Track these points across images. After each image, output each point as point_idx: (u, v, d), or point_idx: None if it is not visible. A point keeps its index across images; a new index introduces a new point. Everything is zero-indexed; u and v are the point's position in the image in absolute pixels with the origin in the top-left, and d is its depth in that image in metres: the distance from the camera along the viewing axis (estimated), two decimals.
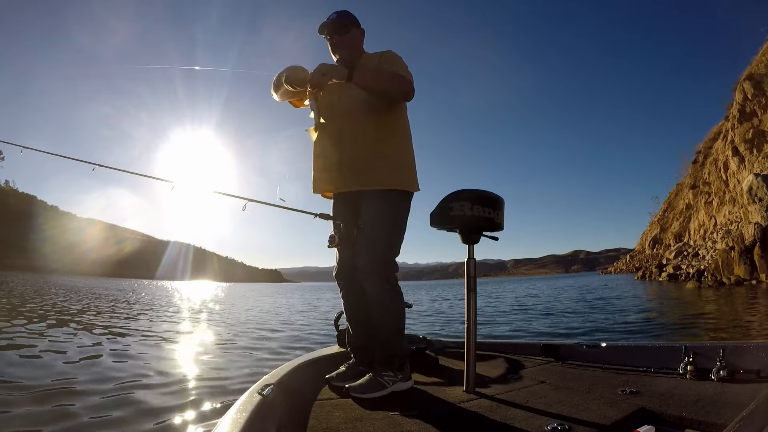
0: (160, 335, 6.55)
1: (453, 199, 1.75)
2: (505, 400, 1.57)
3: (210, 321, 9.14)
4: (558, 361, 2.21)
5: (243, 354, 5.07)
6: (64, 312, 9.22)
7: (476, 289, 1.74)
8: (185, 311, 11.74)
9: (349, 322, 1.97)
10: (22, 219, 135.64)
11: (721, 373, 1.61)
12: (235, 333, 7.12)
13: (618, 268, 74.64)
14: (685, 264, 28.63)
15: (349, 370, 1.89)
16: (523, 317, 9.22)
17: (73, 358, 4.20)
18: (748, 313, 8.26)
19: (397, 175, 1.84)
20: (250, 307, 14.56)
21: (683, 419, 1.29)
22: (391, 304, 1.81)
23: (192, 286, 53.77)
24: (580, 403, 1.47)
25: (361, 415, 1.44)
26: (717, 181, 45.10)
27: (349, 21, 1.94)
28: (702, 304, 10.79)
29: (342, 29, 1.91)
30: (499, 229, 1.80)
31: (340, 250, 1.92)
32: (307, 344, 5.81)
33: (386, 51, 1.92)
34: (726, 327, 6.54)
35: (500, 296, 18.48)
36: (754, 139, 37.84)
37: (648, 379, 1.74)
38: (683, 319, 7.87)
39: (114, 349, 4.98)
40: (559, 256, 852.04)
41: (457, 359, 2.29)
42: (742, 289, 15.33)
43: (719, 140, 46.99)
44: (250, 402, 1.29)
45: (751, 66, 41.00)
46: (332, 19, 1.91)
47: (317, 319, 9.71)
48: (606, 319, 8.05)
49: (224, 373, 3.91)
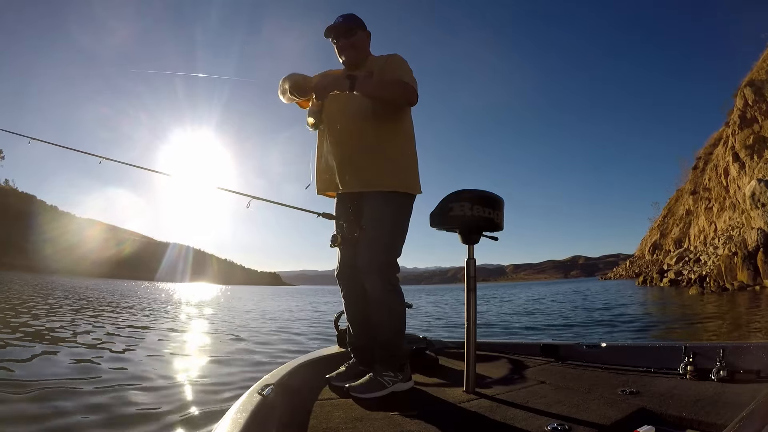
0: (158, 336, 6.55)
1: (453, 200, 1.75)
2: (505, 400, 1.57)
3: (209, 327, 9.13)
4: (558, 361, 2.21)
5: (242, 356, 5.07)
6: (58, 312, 9.20)
7: (476, 289, 1.75)
8: (182, 315, 11.67)
9: (350, 322, 1.98)
10: (21, 219, 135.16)
11: (721, 373, 1.61)
12: (233, 338, 7.10)
13: (618, 273, 74.70)
14: (686, 270, 28.62)
15: (349, 370, 1.89)
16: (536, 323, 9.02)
17: (68, 361, 4.19)
18: (752, 317, 8.27)
19: (399, 177, 1.85)
20: (250, 309, 14.55)
21: (683, 419, 1.29)
22: (391, 304, 1.81)
23: (190, 289, 53.05)
24: (580, 403, 1.47)
25: (361, 415, 1.44)
26: (717, 187, 45.35)
27: (355, 24, 1.96)
28: (707, 308, 10.82)
29: (348, 32, 1.93)
30: (498, 229, 1.80)
31: (342, 250, 1.93)
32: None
33: (392, 54, 1.94)
34: (730, 331, 6.53)
35: (508, 299, 18.51)
36: (754, 145, 38.08)
37: (648, 379, 1.74)
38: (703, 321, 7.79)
39: (113, 350, 4.98)
40: (558, 262, 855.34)
41: (457, 359, 2.29)
42: (746, 294, 15.30)
43: (720, 146, 47.29)
44: (250, 402, 1.29)
45: (751, 72, 41.29)
46: (338, 23, 1.93)
47: (314, 324, 9.66)
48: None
49: (224, 373, 3.91)
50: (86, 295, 16.69)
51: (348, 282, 1.93)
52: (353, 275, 1.86)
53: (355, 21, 1.97)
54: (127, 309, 11.69)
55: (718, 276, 19.82)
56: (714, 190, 46.15)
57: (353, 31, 1.94)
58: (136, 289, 32.68)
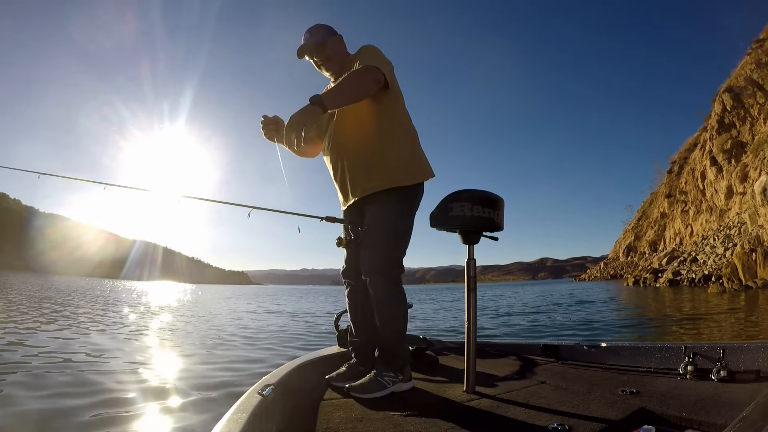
0: (149, 334, 6.55)
1: (453, 200, 1.75)
2: (505, 400, 1.57)
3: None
4: (558, 361, 2.21)
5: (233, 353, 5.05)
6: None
7: (476, 289, 1.75)
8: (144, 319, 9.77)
9: (352, 321, 1.98)
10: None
11: (721, 373, 1.61)
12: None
13: (592, 275, 75.25)
14: (684, 269, 28.52)
15: (350, 370, 1.90)
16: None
17: (62, 358, 4.20)
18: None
19: (394, 173, 1.81)
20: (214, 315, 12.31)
21: (683, 419, 1.29)
22: (393, 305, 1.81)
23: (155, 287, 49.58)
24: (581, 403, 1.47)
25: (362, 416, 1.44)
26: (694, 190, 46.01)
27: (323, 35, 1.91)
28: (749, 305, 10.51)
29: (319, 47, 1.89)
30: (498, 229, 1.80)
31: (348, 249, 1.94)
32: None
33: (362, 47, 1.91)
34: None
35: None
36: (732, 149, 38.68)
37: (648, 380, 1.74)
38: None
39: (109, 348, 4.99)
40: (526, 264, 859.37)
41: (457, 359, 2.29)
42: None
43: (696, 150, 47.99)
44: (250, 402, 1.30)
45: (730, 78, 42.12)
46: (307, 41, 1.90)
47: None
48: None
49: (223, 373, 3.91)
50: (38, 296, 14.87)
51: (353, 280, 1.93)
52: (358, 274, 1.86)
53: (323, 32, 1.91)
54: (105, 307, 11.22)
55: (732, 274, 19.30)
56: (690, 194, 46.83)
57: (323, 45, 1.89)
58: (96, 288, 29.09)
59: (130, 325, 7.83)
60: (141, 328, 7.47)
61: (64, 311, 9.88)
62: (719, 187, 39.85)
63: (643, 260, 54.80)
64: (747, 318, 8.36)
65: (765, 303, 11.22)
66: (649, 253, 56.31)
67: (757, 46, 40.16)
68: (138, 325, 7.93)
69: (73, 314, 9.26)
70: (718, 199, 40.04)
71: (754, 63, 39.21)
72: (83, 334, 6.17)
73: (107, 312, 10.58)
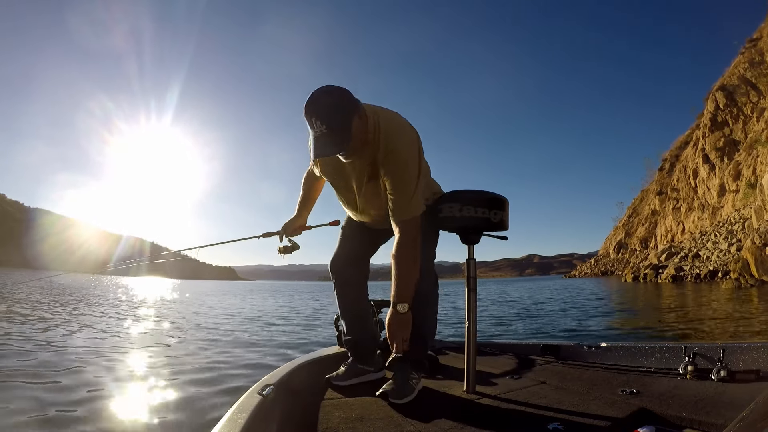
0: (148, 335, 6.52)
1: (453, 200, 1.75)
2: (505, 399, 1.57)
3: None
4: (558, 361, 2.21)
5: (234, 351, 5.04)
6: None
7: (476, 288, 1.74)
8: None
9: (344, 316, 1.94)
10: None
11: (721, 373, 1.61)
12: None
13: (582, 271, 75.85)
14: (686, 265, 28.68)
15: (349, 369, 1.88)
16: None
17: (62, 356, 4.16)
18: None
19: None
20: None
21: (683, 419, 1.29)
22: (432, 299, 1.80)
23: (140, 283, 47.35)
24: (581, 404, 1.47)
25: (362, 416, 1.44)
26: (686, 187, 46.52)
27: (345, 121, 1.42)
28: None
29: (344, 140, 1.43)
30: (501, 228, 1.79)
31: (342, 241, 1.93)
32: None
33: (391, 150, 1.53)
34: None
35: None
36: (725, 147, 39.14)
37: (648, 379, 1.74)
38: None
39: (107, 348, 4.95)
40: (513, 260, 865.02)
41: (457, 359, 2.29)
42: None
43: (689, 148, 48.52)
44: (250, 402, 1.29)
45: (723, 77, 42.59)
46: (326, 135, 1.40)
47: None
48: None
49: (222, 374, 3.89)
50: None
51: (343, 269, 1.90)
52: (348, 263, 1.86)
53: (343, 115, 1.41)
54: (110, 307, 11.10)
55: (743, 269, 18.88)
56: (683, 191, 47.36)
57: (348, 132, 1.42)
58: (75, 283, 26.72)
59: (125, 319, 7.78)
60: (139, 328, 7.43)
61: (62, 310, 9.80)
62: (712, 184, 40.31)
63: (635, 257, 55.33)
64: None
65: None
66: (640, 250, 56.88)
67: (750, 45, 40.60)
68: (134, 324, 7.89)
69: (73, 314, 9.20)
70: (710, 197, 40.53)
71: (748, 62, 39.65)
72: (68, 335, 6.11)
73: (101, 311, 10.51)
